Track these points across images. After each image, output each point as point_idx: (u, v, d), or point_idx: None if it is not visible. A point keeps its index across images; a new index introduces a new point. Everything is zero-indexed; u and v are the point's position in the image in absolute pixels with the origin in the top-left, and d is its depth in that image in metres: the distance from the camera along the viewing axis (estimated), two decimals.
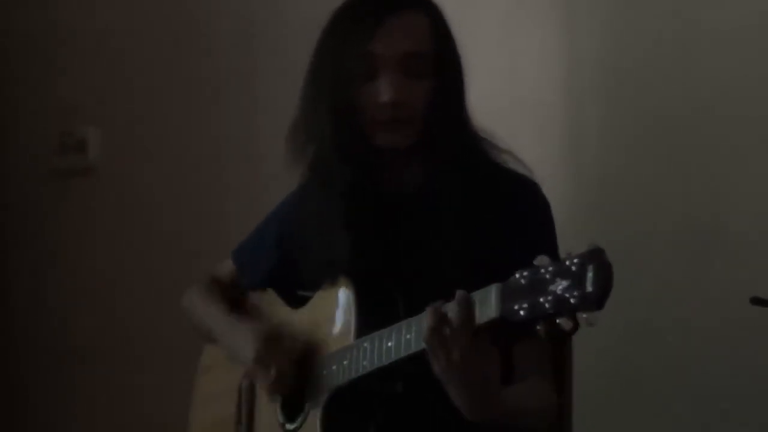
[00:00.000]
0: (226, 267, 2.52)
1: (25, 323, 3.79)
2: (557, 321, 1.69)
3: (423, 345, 1.94)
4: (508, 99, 3.40)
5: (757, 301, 2.36)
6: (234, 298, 2.45)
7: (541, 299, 1.71)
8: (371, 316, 2.12)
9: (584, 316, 1.66)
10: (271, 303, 2.38)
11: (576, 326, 1.70)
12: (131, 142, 3.74)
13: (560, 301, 1.69)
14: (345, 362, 2.13)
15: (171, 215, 3.71)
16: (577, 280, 1.67)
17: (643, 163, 3.23)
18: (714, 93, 3.12)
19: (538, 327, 1.72)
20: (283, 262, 2.36)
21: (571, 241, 2.15)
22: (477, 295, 1.86)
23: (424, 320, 1.95)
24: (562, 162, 3.33)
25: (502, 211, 2.20)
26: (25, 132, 3.78)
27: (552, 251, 2.13)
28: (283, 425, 2.25)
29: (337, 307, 2.19)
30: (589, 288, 1.65)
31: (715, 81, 3.12)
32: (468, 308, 1.86)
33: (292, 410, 2.24)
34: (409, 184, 2.25)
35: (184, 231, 3.69)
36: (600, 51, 3.31)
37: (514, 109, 3.37)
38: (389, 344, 2.03)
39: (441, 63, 2.21)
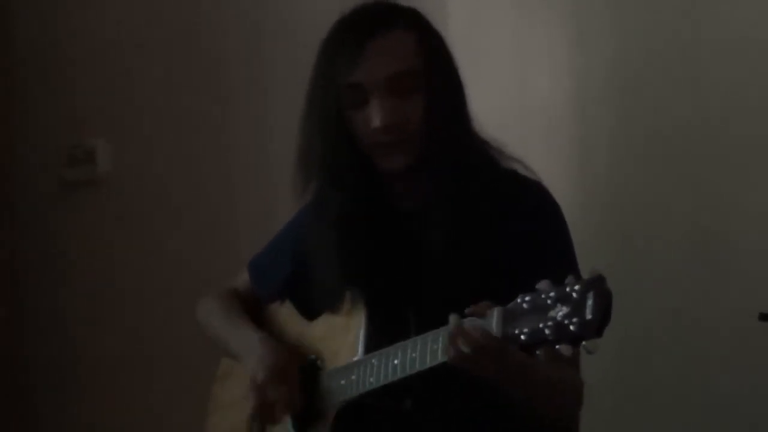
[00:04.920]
0: (243, 277, 2.52)
1: (34, 333, 3.80)
2: (557, 347, 1.69)
3: (427, 364, 1.96)
4: (518, 109, 3.40)
5: (765, 317, 2.35)
6: (252, 310, 2.45)
7: (541, 325, 1.71)
8: (382, 333, 2.12)
9: (584, 343, 1.66)
10: (286, 316, 2.38)
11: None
12: (140, 154, 3.74)
13: (560, 328, 1.69)
14: (353, 377, 2.13)
15: (179, 226, 3.71)
16: (578, 307, 1.67)
17: (652, 174, 3.22)
18: (723, 103, 3.12)
19: (538, 352, 1.73)
20: (297, 274, 2.35)
21: (579, 250, 2.17)
22: (478, 320, 1.87)
23: (429, 340, 1.96)
24: (572, 172, 3.33)
25: (512, 220, 2.18)
26: (36, 144, 3.78)
27: (566, 255, 2.16)
28: None
29: (348, 323, 2.19)
30: (589, 315, 1.65)
31: (725, 91, 3.11)
32: (477, 336, 1.86)
33: (303, 423, 2.25)
34: (416, 202, 2.23)
35: (192, 242, 3.69)
36: (609, 61, 3.31)
37: (524, 120, 3.37)
38: (395, 362, 2.03)
39: (431, 76, 2.18)
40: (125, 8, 3.74)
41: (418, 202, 2.23)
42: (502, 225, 2.17)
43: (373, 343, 2.12)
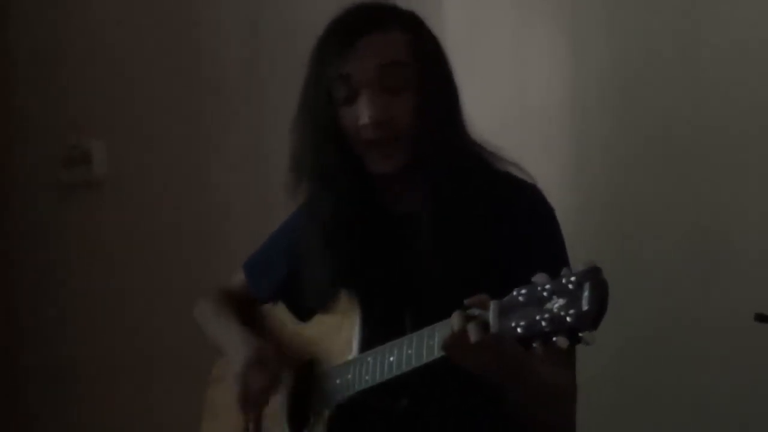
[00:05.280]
0: (238, 278, 2.52)
1: (30, 335, 3.79)
2: (553, 339, 1.68)
3: (423, 360, 1.94)
4: (518, 109, 3.41)
5: (760, 317, 2.35)
6: (246, 310, 2.44)
7: (538, 317, 1.70)
8: (377, 333, 2.11)
9: (580, 334, 1.65)
10: (281, 316, 2.38)
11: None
12: (136, 155, 3.73)
13: (556, 320, 1.67)
14: (348, 376, 2.13)
15: (176, 227, 3.70)
16: (574, 298, 1.66)
17: (651, 174, 3.22)
18: (723, 103, 3.12)
19: (534, 344, 1.72)
20: (292, 274, 2.34)
21: (577, 253, 2.16)
22: (475, 312, 1.86)
23: (425, 336, 1.95)
24: (571, 171, 3.34)
25: (506, 222, 2.17)
26: (32, 145, 3.78)
27: (559, 258, 2.14)
28: None
29: (343, 323, 2.19)
30: (585, 306, 1.64)
31: (725, 91, 3.12)
32: (469, 330, 1.85)
33: (299, 423, 2.24)
34: (410, 205, 2.21)
35: (189, 243, 3.68)
36: (608, 62, 3.31)
37: (523, 120, 3.38)
38: (391, 359, 2.02)
39: (424, 76, 2.16)
40: (123, 8, 3.74)
41: (411, 205, 2.21)
42: (496, 227, 2.16)
43: (368, 344, 2.11)
